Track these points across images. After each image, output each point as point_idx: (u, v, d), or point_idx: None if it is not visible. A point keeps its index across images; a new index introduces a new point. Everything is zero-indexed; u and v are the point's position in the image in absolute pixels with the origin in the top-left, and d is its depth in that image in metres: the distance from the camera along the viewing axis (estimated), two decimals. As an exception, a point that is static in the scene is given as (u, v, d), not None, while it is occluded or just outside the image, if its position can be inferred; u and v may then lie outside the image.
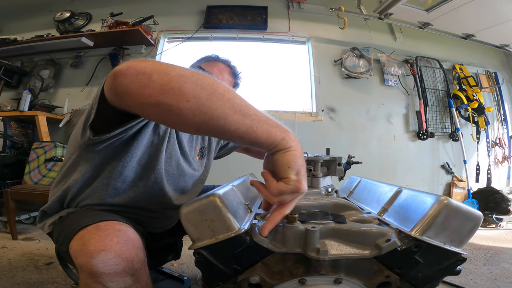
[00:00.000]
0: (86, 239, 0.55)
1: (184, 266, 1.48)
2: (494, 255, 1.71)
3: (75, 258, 0.55)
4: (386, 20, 2.58)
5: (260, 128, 0.46)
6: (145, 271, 0.59)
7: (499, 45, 2.85)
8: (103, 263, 0.52)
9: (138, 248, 0.59)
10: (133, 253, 0.56)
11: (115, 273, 0.53)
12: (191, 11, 2.96)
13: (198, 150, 1.02)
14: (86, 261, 0.52)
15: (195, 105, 0.43)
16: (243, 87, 1.17)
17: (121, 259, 0.54)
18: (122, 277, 0.53)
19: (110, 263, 0.52)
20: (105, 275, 0.52)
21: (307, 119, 2.77)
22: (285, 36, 2.96)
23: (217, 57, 0.99)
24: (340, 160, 0.82)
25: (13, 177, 2.25)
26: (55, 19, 2.75)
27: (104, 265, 0.52)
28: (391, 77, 2.90)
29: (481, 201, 2.60)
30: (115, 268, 0.53)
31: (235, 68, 1.01)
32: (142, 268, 0.58)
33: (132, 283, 0.55)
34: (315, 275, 0.52)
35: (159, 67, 0.45)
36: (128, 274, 0.54)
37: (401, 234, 0.52)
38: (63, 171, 0.77)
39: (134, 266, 0.55)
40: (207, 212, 0.52)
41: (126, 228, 0.60)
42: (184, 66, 0.46)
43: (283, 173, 0.47)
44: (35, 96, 2.55)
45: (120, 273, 0.53)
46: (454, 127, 2.84)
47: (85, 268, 0.52)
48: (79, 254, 0.54)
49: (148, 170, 0.80)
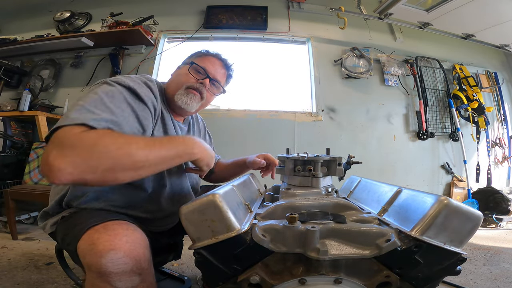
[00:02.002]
0: (95, 239, 0.55)
1: (184, 266, 1.48)
2: (494, 255, 1.71)
3: (83, 257, 0.55)
4: (386, 20, 2.58)
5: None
6: (151, 271, 0.60)
7: (499, 45, 2.85)
8: (112, 262, 0.52)
9: (145, 248, 0.59)
10: (140, 252, 0.57)
11: (123, 273, 0.53)
12: (191, 11, 2.96)
13: None
14: (95, 260, 0.52)
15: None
16: (243, 88, 1.18)
17: (129, 259, 0.54)
18: (130, 276, 0.54)
19: (119, 263, 0.52)
20: (113, 275, 0.52)
21: (307, 119, 2.77)
22: (285, 36, 2.95)
23: (207, 52, 1.00)
24: (340, 160, 0.82)
25: (13, 177, 2.24)
26: (55, 19, 2.75)
27: (113, 265, 0.52)
28: (391, 77, 2.90)
29: (481, 201, 2.59)
30: (124, 268, 0.53)
31: (226, 60, 1.02)
32: (148, 268, 0.58)
33: (139, 283, 0.55)
34: (315, 275, 0.53)
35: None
36: (135, 274, 0.55)
37: (401, 234, 0.52)
38: None
39: (141, 265, 0.56)
40: (207, 212, 0.52)
41: (134, 228, 0.60)
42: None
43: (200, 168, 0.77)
44: (35, 96, 2.55)
45: (128, 272, 0.53)
46: (454, 127, 2.84)
47: (94, 268, 0.52)
48: (88, 253, 0.54)
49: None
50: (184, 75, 0.94)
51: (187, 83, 0.92)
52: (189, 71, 0.93)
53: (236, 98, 2.81)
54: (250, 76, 2.90)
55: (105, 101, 0.63)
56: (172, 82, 0.96)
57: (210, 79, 0.95)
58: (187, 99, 0.91)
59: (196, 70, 0.94)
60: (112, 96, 0.66)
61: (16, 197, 1.85)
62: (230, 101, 2.78)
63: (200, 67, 0.94)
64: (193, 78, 0.93)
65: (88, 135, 0.55)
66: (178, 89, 0.91)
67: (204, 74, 0.94)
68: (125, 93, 0.69)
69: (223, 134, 2.61)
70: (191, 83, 0.92)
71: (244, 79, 2.82)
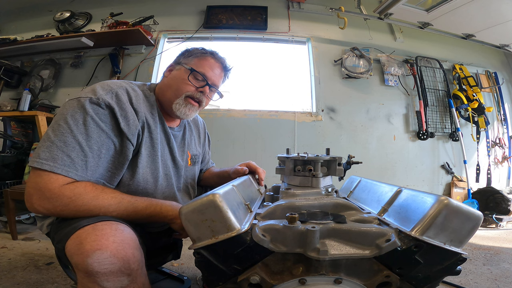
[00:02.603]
0: (82, 238, 0.55)
1: (184, 266, 1.48)
2: (494, 255, 1.71)
3: (71, 257, 0.55)
4: (386, 20, 2.58)
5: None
6: (143, 272, 0.59)
7: (499, 45, 2.85)
8: (98, 262, 0.52)
9: (135, 248, 0.58)
10: (129, 252, 0.56)
11: (110, 273, 0.53)
12: (191, 11, 2.96)
13: (190, 156, 1.06)
14: (81, 260, 0.52)
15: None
16: (243, 88, 1.18)
17: (116, 259, 0.53)
18: (117, 276, 0.53)
19: (105, 263, 0.52)
20: (100, 274, 0.52)
21: (307, 119, 2.77)
22: (285, 36, 2.96)
23: (205, 51, 0.95)
24: (340, 160, 0.82)
25: (13, 177, 2.25)
26: (55, 19, 2.75)
27: (100, 264, 0.52)
28: (391, 77, 2.90)
29: (481, 201, 2.59)
30: (111, 268, 0.53)
31: (225, 61, 0.99)
32: (139, 269, 0.57)
33: (128, 283, 0.55)
34: (315, 275, 0.52)
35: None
36: (124, 274, 0.54)
37: (401, 234, 0.52)
38: None
39: (130, 266, 0.55)
40: (207, 212, 0.52)
41: (123, 228, 0.60)
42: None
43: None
44: (35, 96, 2.55)
45: (115, 272, 0.53)
46: (454, 127, 2.84)
47: (81, 267, 0.52)
48: (75, 253, 0.54)
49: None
50: (182, 81, 0.89)
51: (187, 92, 0.89)
52: (188, 79, 0.89)
53: (236, 98, 2.81)
54: (250, 76, 2.90)
55: (81, 142, 0.66)
56: (167, 86, 0.91)
57: (210, 86, 0.93)
58: (186, 109, 0.89)
59: (195, 77, 0.91)
60: (86, 133, 0.67)
61: (16, 197, 1.85)
62: (230, 101, 2.78)
63: (199, 73, 0.90)
64: (192, 86, 0.90)
65: (64, 193, 0.64)
66: (176, 97, 0.88)
67: (203, 80, 0.91)
68: (100, 121, 0.69)
69: (223, 134, 2.62)
70: (191, 92, 0.89)
71: (244, 79, 2.82)
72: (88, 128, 0.67)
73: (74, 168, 0.65)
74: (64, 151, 0.64)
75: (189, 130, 1.06)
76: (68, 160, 0.64)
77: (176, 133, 0.97)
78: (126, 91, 0.77)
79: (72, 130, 0.65)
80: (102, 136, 0.69)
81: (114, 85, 0.76)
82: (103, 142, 0.69)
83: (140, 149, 0.79)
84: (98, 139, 0.68)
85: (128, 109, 0.75)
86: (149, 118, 0.83)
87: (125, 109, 0.74)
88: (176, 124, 0.99)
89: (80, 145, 0.66)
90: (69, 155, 0.64)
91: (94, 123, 0.68)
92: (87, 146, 0.67)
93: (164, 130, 0.90)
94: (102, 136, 0.69)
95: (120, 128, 0.72)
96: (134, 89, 0.82)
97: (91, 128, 0.67)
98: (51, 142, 0.64)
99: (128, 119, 0.74)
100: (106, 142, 0.70)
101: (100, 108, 0.69)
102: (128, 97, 0.77)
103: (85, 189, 0.65)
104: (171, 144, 0.92)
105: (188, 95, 0.89)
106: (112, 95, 0.73)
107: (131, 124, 0.74)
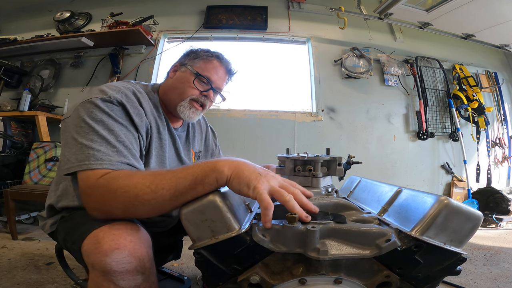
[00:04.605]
0: (100, 238, 0.55)
1: (184, 266, 1.48)
2: (494, 255, 1.71)
3: (87, 256, 0.55)
4: (386, 20, 2.58)
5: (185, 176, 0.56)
6: (154, 270, 0.60)
7: (499, 45, 2.84)
8: (116, 261, 0.52)
9: (149, 247, 0.59)
10: (144, 251, 0.57)
11: (127, 272, 0.53)
12: (191, 11, 2.96)
13: (194, 154, 1.05)
14: (100, 259, 0.53)
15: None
16: (243, 88, 1.18)
17: (133, 258, 0.54)
18: (133, 275, 0.54)
19: (123, 262, 0.53)
20: (117, 273, 0.52)
21: (307, 119, 2.77)
22: (285, 36, 2.96)
23: (211, 54, 0.95)
24: (340, 160, 0.82)
25: (13, 177, 2.25)
26: (55, 19, 2.76)
27: (118, 264, 0.52)
28: (391, 77, 2.90)
29: (481, 201, 2.60)
30: (128, 267, 0.53)
31: (230, 65, 0.99)
32: (151, 267, 0.58)
33: (142, 282, 0.55)
34: (315, 275, 0.52)
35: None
36: (139, 273, 0.55)
37: (401, 234, 0.51)
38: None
39: (144, 264, 0.56)
40: (207, 212, 0.52)
41: (138, 227, 0.61)
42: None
43: (246, 195, 0.54)
44: (35, 96, 2.55)
45: (131, 271, 0.54)
46: (454, 127, 2.84)
47: (98, 266, 0.53)
48: (93, 252, 0.54)
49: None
50: (187, 84, 0.90)
51: (192, 95, 0.90)
52: (193, 83, 0.90)
53: (236, 98, 2.81)
54: (250, 76, 2.90)
55: (106, 136, 0.65)
56: (173, 88, 0.92)
57: (214, 90, 0.94)
58: (190, 112, 0.90)
59: (200, 80, 0.92)
60: (108, 128, 0.67)
61: (16, 197, 1.85)
62: (230, 101, 2.78)
63: (204, 77, 0.91)
64: (197, 90, 0.91)
65: (100, 182, 0.60)
66: (181, 99, 0.90)
67: (208, 84, 0.92)
68: (116, 116, 0.70)
69: (223, 134, 2.60)
70: (195, 95, 0.91)
71: (244, 79, 2.82)
72: (109, 123, 0.67)
73: (108, 160, 0.63)
74: (93, 147, 0.63)
75: (192, 128, 1.07)
76: (99, 154, 0.63)
77: (180, 133, 0.99)
78: (133, 93, 0.78)
79: (94, 128, 0.65)
80: (123, 130, 0.70)
81: (121, 86, 0.77)
82: (125, 134, 0.70)
83: (150, 149, 0.80)
84: (120, 132, 0.68)
85: (138, 107, 0.76)
86: (157, 120, 0.85)
87: (136, 107, 0.76)
88: (180, 125, 1.00)
89: (107, 139, 0.65)
90: (99, 149, 0.63)
91: (111, 118, 0.68)
92: (113, 139, 0.66)
93: (170, 132, 0.91)
94: (123, 129, 0.70)
95: (134, 123, 0.73)
96: (140, 90, 0.83)
97: (111, 123, 0.68)
98: (80, 144, 0.63)
99: (140, 116, 0.76)
100: (128, 134, 0.71)
101: (113, 105, 0.70)
102: (136, 97, 0.78)
103: (119, 173, 0.62)
104: (177, 145, 0.93)
105: (193, 98, 0.91)
106: (122, 94, 0.74)
107: (143, 120, 0.76)
